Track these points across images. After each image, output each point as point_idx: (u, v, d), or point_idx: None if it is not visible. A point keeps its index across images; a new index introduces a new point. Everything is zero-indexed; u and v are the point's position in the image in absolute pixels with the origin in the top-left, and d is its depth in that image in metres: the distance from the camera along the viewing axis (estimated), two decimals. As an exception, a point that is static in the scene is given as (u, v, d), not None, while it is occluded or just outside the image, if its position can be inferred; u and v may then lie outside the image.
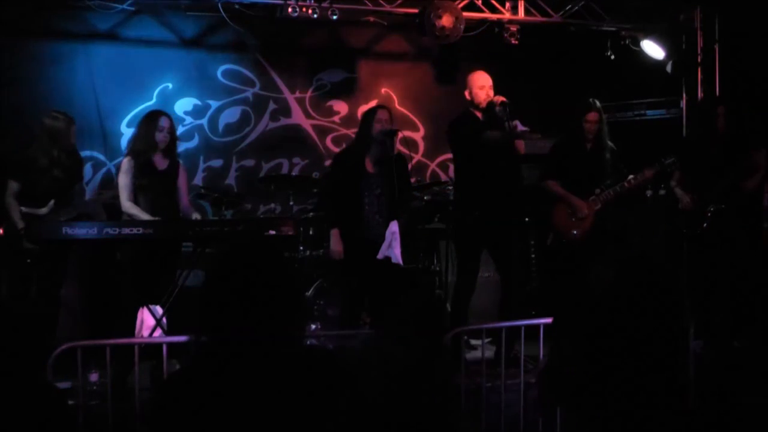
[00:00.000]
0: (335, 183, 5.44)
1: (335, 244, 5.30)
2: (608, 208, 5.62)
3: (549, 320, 4.41)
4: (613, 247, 5.64)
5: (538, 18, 6.81)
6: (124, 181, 5.14)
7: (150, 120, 5.22)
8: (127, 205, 5.12)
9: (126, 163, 5.16)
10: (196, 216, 5.34)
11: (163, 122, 5.18)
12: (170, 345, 3.98)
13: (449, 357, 3.05)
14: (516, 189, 5.46)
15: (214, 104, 7.12)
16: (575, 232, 5.60)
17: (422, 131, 7.65)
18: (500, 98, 5.32)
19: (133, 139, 5.28)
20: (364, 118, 5.45)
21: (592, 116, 5.55)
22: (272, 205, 7.18)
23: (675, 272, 5.65)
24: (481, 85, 5.39)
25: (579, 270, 5.48)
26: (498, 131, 5.29)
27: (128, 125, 6.69)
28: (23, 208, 5.28)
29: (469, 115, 5.47)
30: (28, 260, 5.20)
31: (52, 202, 5.31)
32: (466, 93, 5.47)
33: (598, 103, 5.60)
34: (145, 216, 5.01)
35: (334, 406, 1.90)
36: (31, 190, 5.31)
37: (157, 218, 5.01)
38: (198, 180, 6.89)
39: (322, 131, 7.44)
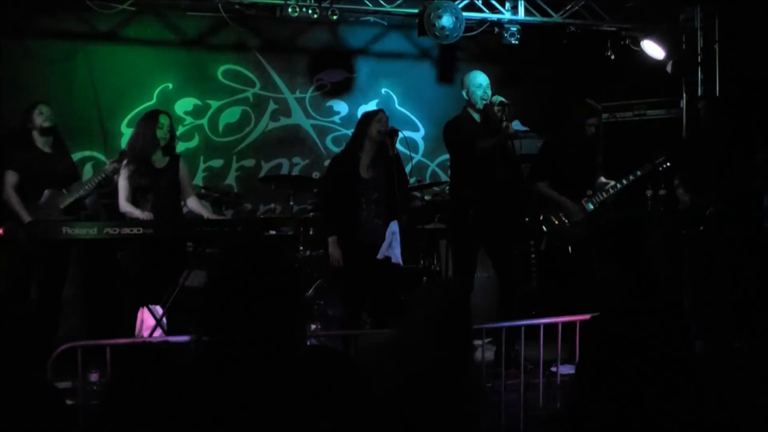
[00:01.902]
0: (330, 190, 5.42)
1: (333, 251, 5.27)
2: (602, 209, 5.61)
3: (549, 320, 4.42)
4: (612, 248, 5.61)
5: (538, 18, 6.80)
6: (122, 182, 5.17)
7: (149, 118, 5.31)
8: (123, 204, 5.15)
9: (125, 165, 5.17)
10: (202, 209, 5.33)
11: (163, 119, 5.25)
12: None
13: (475, 362, 3.01)
14: (513, 189, 5.47)
15: (214, 104, 7.12)
16: (570, 236, 5.57)
17: (422, 131, 7.65)
18: (499, 99, 5.32)
19: (133, 138, 5.32)
20: (363, 120, 5.41)
21: (594, 121, 5.57)
22: (272, 205, 7.18)
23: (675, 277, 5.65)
24: (478, 84, 5.40)
25: (577, 272, 5.49)
26: (491, 139, 5.29)
27: (128, 125, 6.69)
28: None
29: (466, 116, 5.47)
30: (34, 256, 5.18)
31: (47, 192, 5.30)
32: (464, 92, 5.47)
33: (598, 107, 5.62)
34: (138, 213, 5.03)
35: (337, 406, 1.90)
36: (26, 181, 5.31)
37: (157, 218, 5.02)
38: (198, 180, 6.89)
39: (322, 131, 7.44)
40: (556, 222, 5.61)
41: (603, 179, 5.67)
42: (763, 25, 6.21)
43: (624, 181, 5.58)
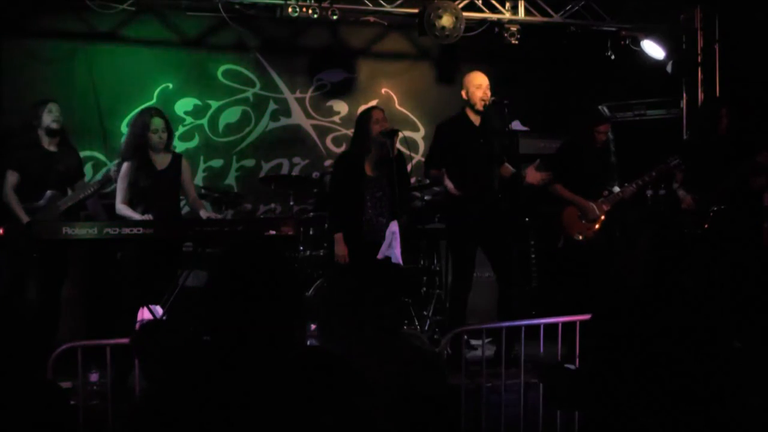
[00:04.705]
0: (336, 188, 5.42)
1: (340, 248, 5.29)
2: (615, 210, 5.69)
3: (549, 320, 4.42)
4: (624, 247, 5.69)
5: (538, 18, 6.80)
6: (121, 184, 5.14)
7: (141, 121, 5.22)
8: (120, 207, 5.13)
9: (126, 167, 5.15)
10: (204, 210, 5.33)
11: (157, 122, 5.16)
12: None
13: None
14: (512, 189, 5.49)
15: (214, 104, 7.12)
16: (587, 233, 5.64)
17: (422, 131, 7.65)
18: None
19: (127, 141, 5.27)
20: (360, 121, 5.44)
21: (604, 128, 5.68)
22: (272, 205, 7.18)
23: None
24: (478, 84, 5.41)
25: (587, 271, 5.54)
26: (438, 173, 5.46)
27: (128, 125, 6.68)
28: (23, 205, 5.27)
29: (461, 118, 5.50)
30: (35, 255, 5.17)
31: (48, 193, 5.30)
32: (463, 93, 5.49)
33: (608, 112, 5.68)
34: (137, 216, 5.02)
35: (335, 407, 1.90)
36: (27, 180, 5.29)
37: (156, 218, 5.01)
38: (198, 180, 6.89)
39: (322, 131, 7.44)
40: (574, 221, 5.68)
41: (617, 187, 5.72)
42: (763, 25, 6.21)
43: (640, 182, 5.65)
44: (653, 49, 6.92)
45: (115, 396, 3.97)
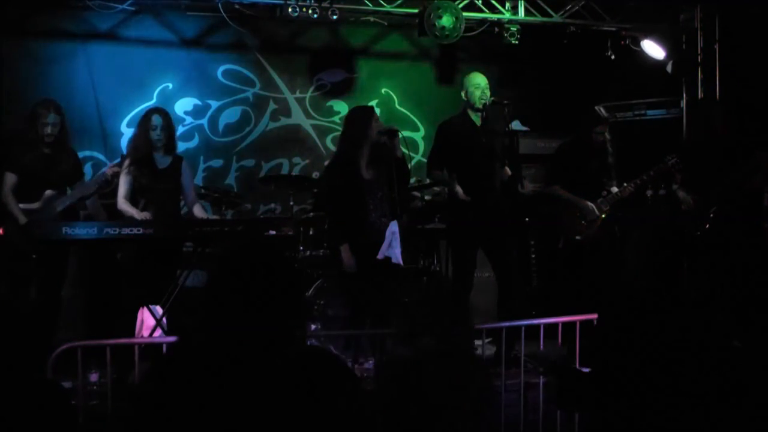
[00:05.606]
0: (336, 196, 5.24)
1: (348, 258, 5.13)
2: (615, 210, 5.70)
3: (549, 320, 4.42)
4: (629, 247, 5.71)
5: (538, 18, 6.80)
6: (123, 178, 5.16)
7: (144, 119, 5.28)
8: (121, 202, 5.15)
9: (128, 161, 5.18)
10: (201, 211, 5.32)
11: (155, 120, 5.18)
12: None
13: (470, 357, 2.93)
14: (512, 190, 5.49)
15: (214, 104, 7.12)
16: (586, 234, 5.66)
17: (422, 131, 7.65)
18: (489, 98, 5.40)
19: (132, 139, 5.34)
20: (357, 119, 5.27)
21: (602, 128, 5.70)
22: (272, 205, 7.18)
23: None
24: (477, 84, 5.41)
25: (587, 271, 5.55)
26: (442, 177, 5.54)
27: (128, 125, 6.69)
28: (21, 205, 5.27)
29: (462, 117, 5.50)
30: (34, 256, 5.15)
31: (47, 193, 5.29)
32: (463, 93, 5.50)
33: (605, 112, 5.70)
34: (134, 212, 5.02)
35: (334, 406, 1.90)
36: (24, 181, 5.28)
37: (156, 218, 5.01)
38: (198, 180, 6.88)
39: (322, 131, 7.44)
40: (573, 221, 5.69)
41: (615, 188, 5.73)
42: (763, 25, 6.21)
43: (638, 182, 5.67)
44: (653, 49, 6.92)
45: (115, 396, 3.97)
